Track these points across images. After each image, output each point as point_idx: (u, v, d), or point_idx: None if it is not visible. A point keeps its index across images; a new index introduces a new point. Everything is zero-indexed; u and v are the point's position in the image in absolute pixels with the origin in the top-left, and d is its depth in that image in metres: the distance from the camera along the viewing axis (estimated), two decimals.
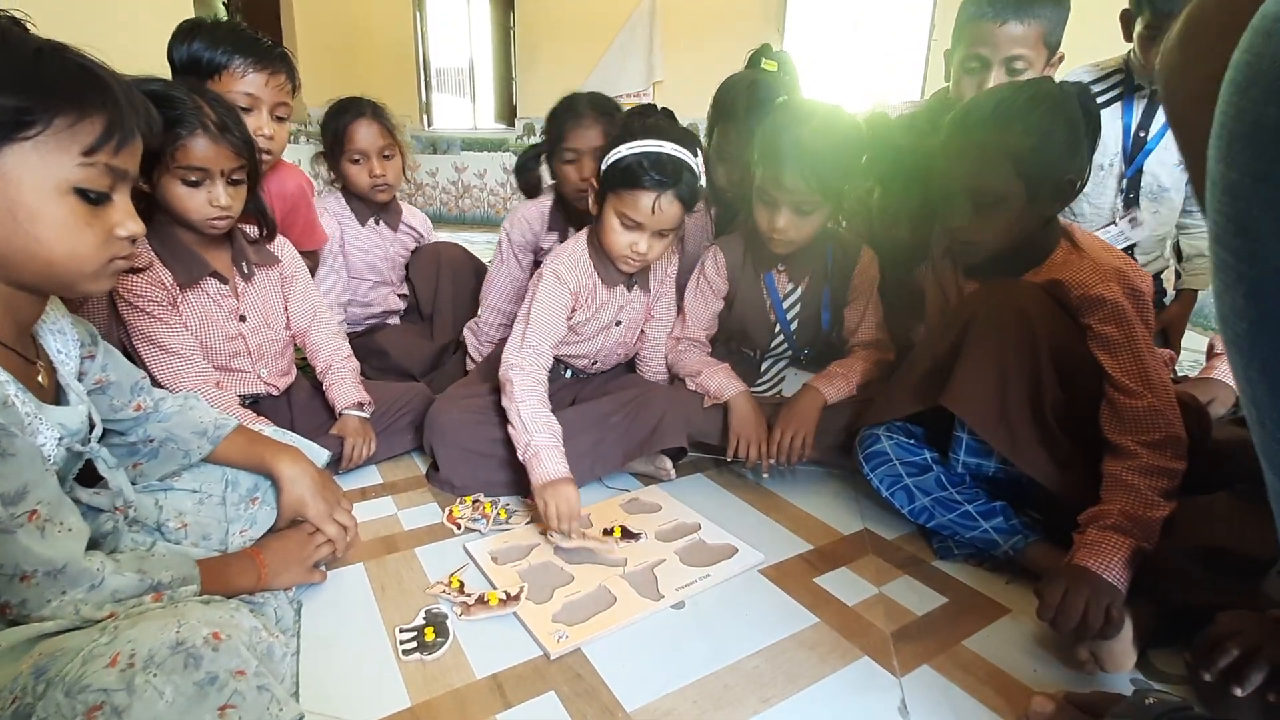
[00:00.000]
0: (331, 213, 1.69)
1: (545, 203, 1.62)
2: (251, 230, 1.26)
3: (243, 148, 1.08)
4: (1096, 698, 0.74)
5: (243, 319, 1.22)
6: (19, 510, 0.60)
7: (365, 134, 1.63)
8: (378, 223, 1.75)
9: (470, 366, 1.65)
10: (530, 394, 1.16)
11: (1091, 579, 0.81)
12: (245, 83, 1.29)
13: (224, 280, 1.18)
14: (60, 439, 0.70)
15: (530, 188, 1.64)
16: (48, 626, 0.59)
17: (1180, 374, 1.72)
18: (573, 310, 1.27)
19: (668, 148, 1.13)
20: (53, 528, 0.62)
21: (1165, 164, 1.58)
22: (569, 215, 1.59)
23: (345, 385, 1.33)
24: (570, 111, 1.50)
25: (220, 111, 1.06)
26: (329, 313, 1.39)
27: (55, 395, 0.74)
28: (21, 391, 0.66)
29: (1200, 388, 1.41)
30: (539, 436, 1.12)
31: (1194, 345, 2.13)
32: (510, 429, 1.16)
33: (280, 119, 1.37)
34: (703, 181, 1.20)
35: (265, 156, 1.33)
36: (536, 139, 1.70)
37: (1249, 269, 0.32)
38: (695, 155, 1.17)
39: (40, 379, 0.71)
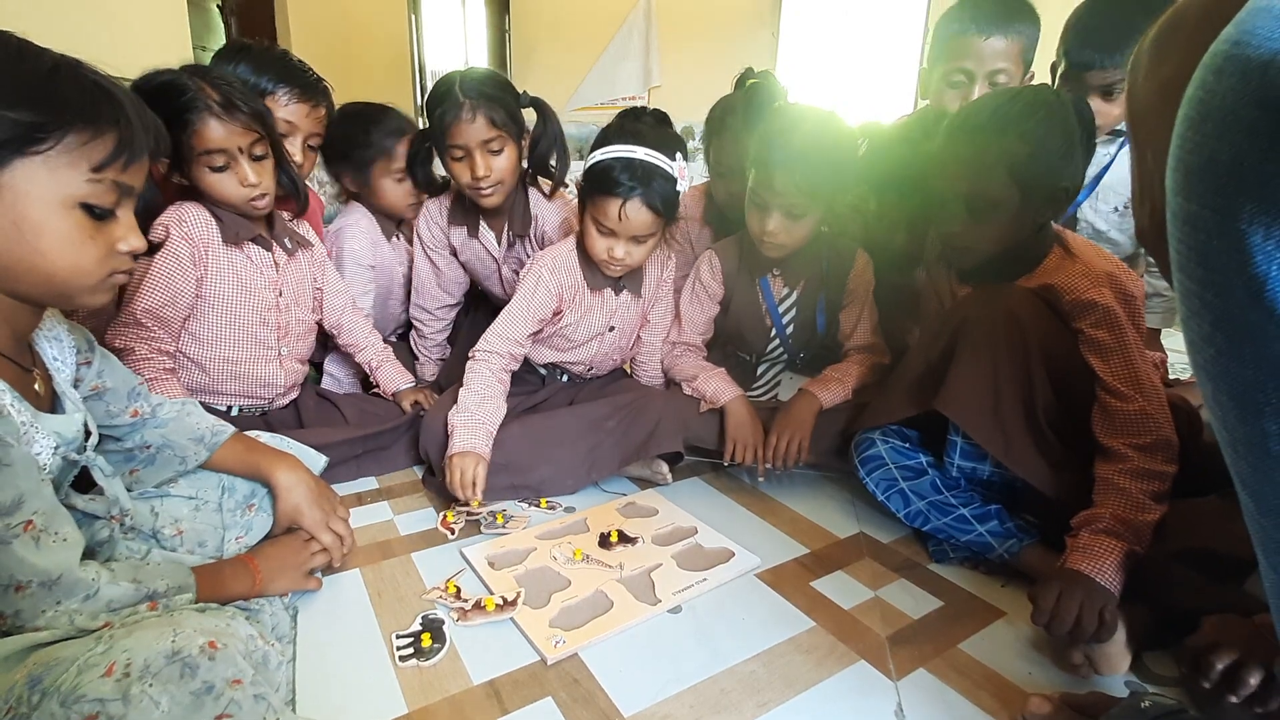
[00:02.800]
0: (363, 234, 1.55)
1: (447, 199, 1.51)
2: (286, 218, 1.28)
3: (252, 121, 1.08)
4: (1093, 698, 0.75)
5: (279, 294, 1.25)
6: (14, 521, 0.60)
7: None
8: (399, 237, 1.64)
9: (423, 365, 1.64)
10: (481, 382, 1.22)
11: (1085, 583, 0.81)
12: (287, 111, 1.33)
13: (267, 248, 1.21)
14: (56, 448, 0.70)
15: (429, 182, 1.51)
16: (42, 636, 0.59)
17: (1172, 377, 1.72)
18: (559, 311, 1.28)
19: (639, 152, 1.13)
20: (47, 538, 0.62)
21: (1100, 211, 1.59)
22: (468, 208, 1.46)
23: (391, 371, 1.45)
24: (449, 101, 1.27)
25: (225, 90, 1.06)
26: (356, 304, 1.45)
27: (51, 403, 0.74)
28: (18, 400, 0.66)
29: (1192, 391, 1.41)
30: (466, 418, 1.18)
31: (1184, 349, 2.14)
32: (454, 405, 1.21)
33: (311, 148, 1.41)
34: (683, 186, 1.19)
35: None
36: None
37: (1214, 298, 0.32)
38: (674, 160, 1.16)
39: (36, 387, 0.71)
